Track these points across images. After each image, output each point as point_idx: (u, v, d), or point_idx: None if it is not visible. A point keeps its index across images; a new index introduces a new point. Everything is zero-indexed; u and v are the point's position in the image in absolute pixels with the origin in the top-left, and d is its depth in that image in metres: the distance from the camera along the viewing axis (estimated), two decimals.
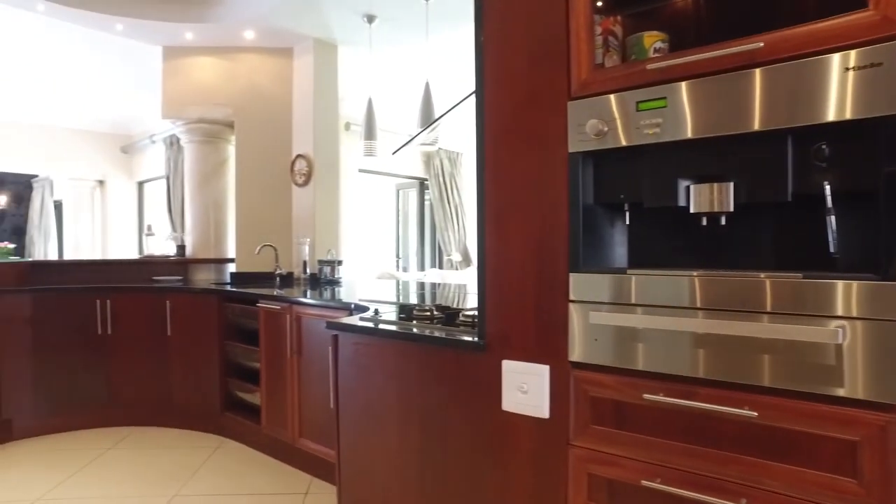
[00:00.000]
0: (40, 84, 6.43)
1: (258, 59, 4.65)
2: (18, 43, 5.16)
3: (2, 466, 3.31)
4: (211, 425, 3.79)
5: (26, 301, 3.73)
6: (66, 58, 5.54)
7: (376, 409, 1.87)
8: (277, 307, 3.20)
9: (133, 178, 8.54)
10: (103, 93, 6.74)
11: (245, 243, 4.54)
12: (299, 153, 4.48)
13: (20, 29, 4.88)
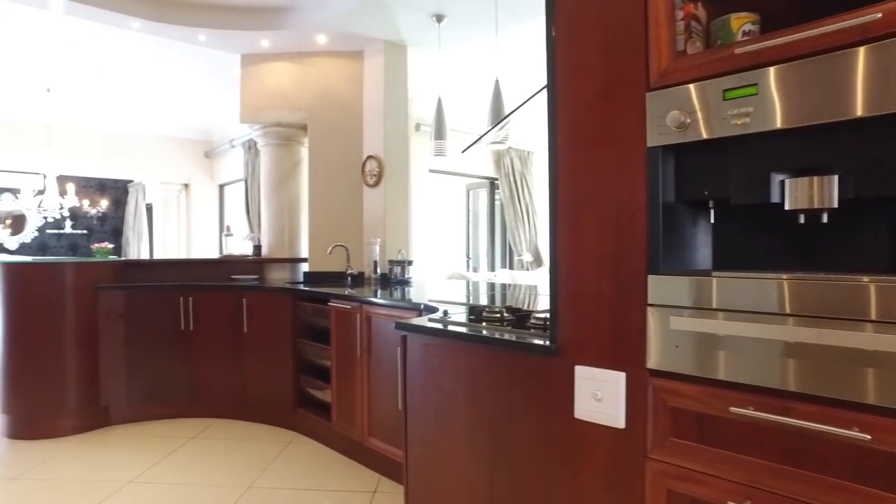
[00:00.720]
0: (135, 96, 6.87)
1: (330, 63, 4.76)
2: (116, 59, 5.53)
3: (102, 448, 3.55)
4: (284, 420, 3.90)
5: (121, 297, 3.98)
6: (156, 70, 5.88)
7: (445, 412, 1.84)
8: (348, 306, 3.25)
9: (215, 181, 8.97)
10: (189, 101, 7.11)
11: (317, 243, 4.65)
12: (370, 154, 4.54)
13: (117, 46, 5.22)
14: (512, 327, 1.81)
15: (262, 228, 5.20)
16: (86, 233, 11.75)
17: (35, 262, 4.12)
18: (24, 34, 4.99)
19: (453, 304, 2.62)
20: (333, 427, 3.44)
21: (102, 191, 11.86)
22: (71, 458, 3.42)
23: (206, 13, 4.48)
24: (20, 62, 5.73)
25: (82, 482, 3.07)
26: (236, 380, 4.04)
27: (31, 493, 3.00)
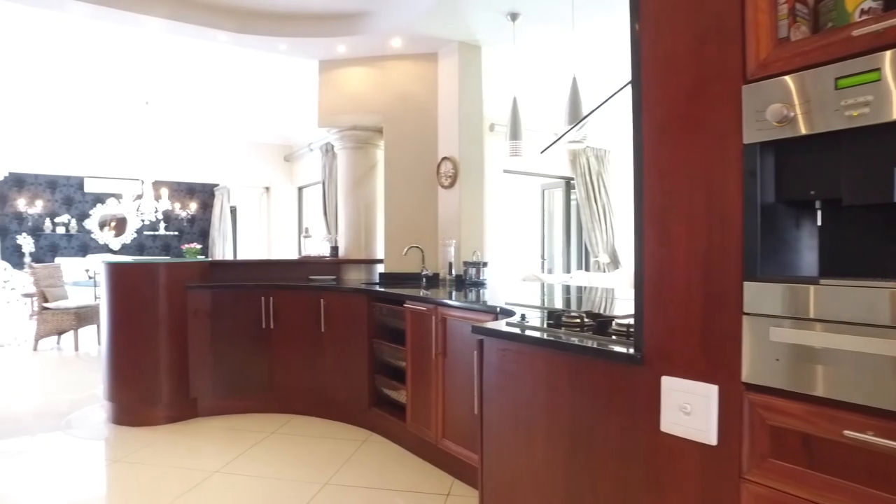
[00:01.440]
0: (221, 104, 7.23)
1: (405, 66, 4.81)
2: (204, 71, 5.84)
3: (191, 438, 3.75)
4: (359, 419, 3.96)
5: (207, 296, 4.18)
6: (240, 79, 6.16)
7: (522, 418, 1.79)
8: (423, 308, 3.26)
9: (294, 184, 9.31)
10: (270, 107, 7.41)
11: (393, 245, 4.71)
12: (445, 156, 4.55)
13: (205, 59, 5.51)
14: (592, 333, 1.74)
15: (339, 230, 5.32)
16: (177, 234, 12.50)
17: (133, 262, 4.41)
18: (125, 54, 5.36)
19: (529, 308, 2.56)
20: (407, 427, 3.46)
21: (192, 194, 12.58)
22: (164, 445, 3.62)
23: (287, 23, 4.64)
24: (123, 79, 6.16)
25: (173, 469, 3.24)
26: (314, 378, 4.15)
27: (130, 476, 3.21)
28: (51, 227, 11.35)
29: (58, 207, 11.52)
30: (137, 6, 4.21)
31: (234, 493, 2.95)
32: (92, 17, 4.27)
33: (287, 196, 9.28)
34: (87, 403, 4.61)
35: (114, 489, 3.15)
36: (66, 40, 5.04)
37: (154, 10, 4.27)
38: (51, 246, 11.40)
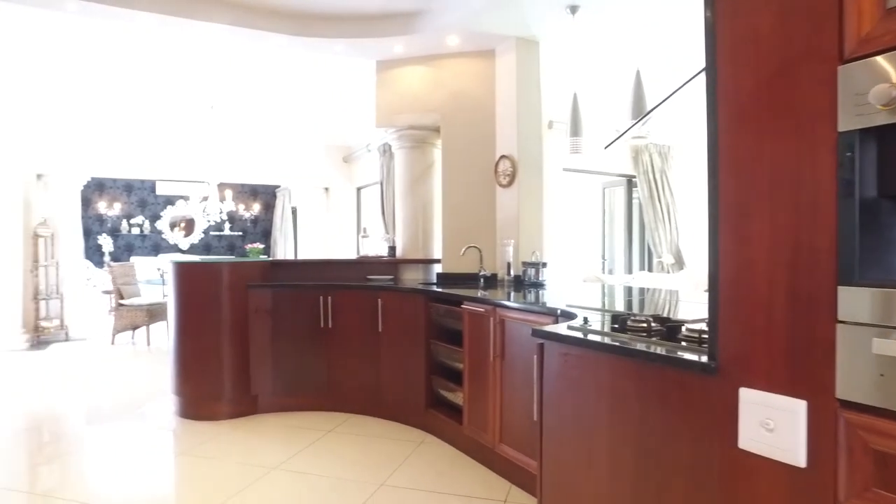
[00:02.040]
0: (282, 107, 7.40)
1: (461, 64, 4.75)
2: (266, 75, 5.98)
3: (251, 434, 3.82)
4: (415, 420, 3.94)
5: (267, 295, 4.26)
6: (300, 81, 6.28)
7: (584, 427, 1.70)
8: (481, 309, 3.19)
9: (353, 185, 9.43)
10: (329, 109, 7.52)
11: (450, 245, 4.66)
12: (503, 154, 4.47)
13: (266, 63, 5.63)
14: (660, 339, 1.63)
15: (397, 230, 5.33)
16: (241, 234, 12.95)
17: (197, 261, 4.55)
18: (191, 60, 5.55)
19: (591, 310, 2.46)
20: (464, 431, 3.41)
21: (255, 196, 12.99)
22: (226, 441, 3.71)
23: (344, 24, 4.68)
24: (189, 85, 6.39)
25: (234, 464, 3.31)
26: (371, 377, 4.15)
27: (194, 469, 3.31)
28: (127, 227, 11.99)
29: (133, 209, 12.16)
30: (202, 13, 4.33)
31: (291, 491, 2.98)
32: (160, 25, 4.43)
33: (346, 196, 9.41)
34: (157, 395, 4.81)
35: (180, 480, 3.25)
36: (137, 51, 5.27)
37: (217, 17, 4.39)
38: (127, 245, 12.04)
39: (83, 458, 3.54)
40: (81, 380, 5.69)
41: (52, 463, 3.48)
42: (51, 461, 3.51)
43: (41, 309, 7.43)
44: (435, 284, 4.40)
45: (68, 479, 3.22)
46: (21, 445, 3.77)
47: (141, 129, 8.02)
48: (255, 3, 4.42)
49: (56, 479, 3.22)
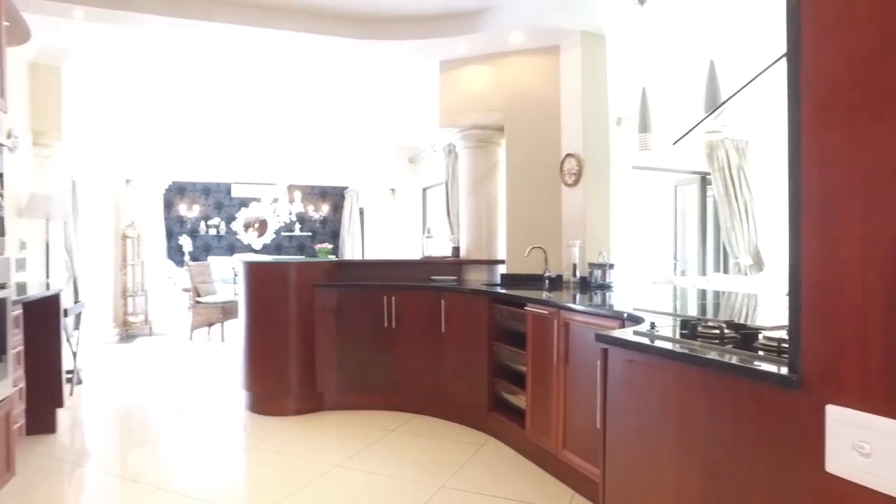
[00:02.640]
0: (349, 110, 7.54)
1: (525, 61, 4.67)
2: (332, 78, 6.11)
3: (316, 431, 3.90)
4: (478, 422, 3.89)
5: (333, 294, 4.33)
6: (365, 84, 6.36)
7: (649, 438, 1.61)
8: (545, 311, 3.11)
9: (418, 185, 9.48)
10: (395, 110, 7.60)
11: (515, 245, 4.59)
12: (569, 152, 4.35)
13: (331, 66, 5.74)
14: (734, 347, 1.51)
15: (461, 230, 5.30)
16: (310, 234, 13.32)
17: (266, 261, 4.69)
18: (263, 68, 5.74)
19: (660, 315, 2.33)
20: (527, 435, 3.34)
21: (324, 197, 13.34)
22: (292, 436, 3.80)
23: (408, 26, 4.70)
24: (260, 90, 6.62)
25: (299, 459, 3.38)
26: (434, 378, 4.15)
27: (261, 463, 3.41)
28: (205, 228, 12.58)
29: (210, 211, 12.75)
30: (272, 22, 4.47)
31: (353, 488, 3.01)
32: (230, 35, 4.60)
33: (411, 197, 9.50)
34: (229, 390, 5.01)
35: (248, 473, 3.36)
36: (212, 61, 5.49)
37: (285, 24, 4.51)
38: (205, 246, 12.64)
39: (164, 447, 3.73)
40: (163, 372, 6.01)
41: (138, 449, 3.68)
42: (137, 447, 3.72)
43: (129, 305, 7.91)
44: (499, 285, 4.35)
45: (151, 466, 3.41)
46: (113, 432, 4.02)
47: (217, 135, 8.39)
48: (320, 9, 4.51)
49: (141, 465, 3.42)
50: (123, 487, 3.04)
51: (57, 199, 5.12)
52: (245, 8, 4.38)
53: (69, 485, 3.16)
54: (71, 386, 4.86)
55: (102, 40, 5.02)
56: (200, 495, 2.90)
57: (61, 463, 3.39)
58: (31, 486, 3.00)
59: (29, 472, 3.14)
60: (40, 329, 3.73)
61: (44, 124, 5.32)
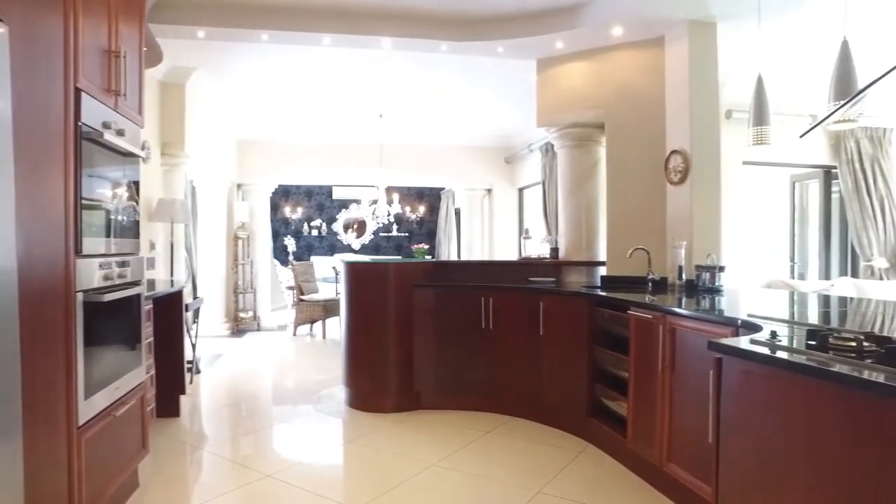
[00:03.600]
0: (444, 111, 7.62)
1: (627, 56, 4.49)
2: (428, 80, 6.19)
3: (413, 429, 3.96)
4: (576, 428, 3.78)
5: (431, 295, 4.38)
6: (460, 84, 6.39)
7: (771, 459, 1.48)
8: (649, 316, 2.96)
9: (514, 186, 9.41)
10: (490, 110, 7.58)
11: (616, 246, 4.43)
12: (674, 149, 4.13)
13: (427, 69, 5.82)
14: (875, 362, 1.35)
15: (560, 231, 5.19)
16: (407, 235, 13.61)
17: (366, 261, 4.83)
18: (360, 72, 5.92)
19: (778, 322, 2.15)
20: (628, 444, 3.20)
21: (420, 198, 13.58)
22: (389, 433, 3.88)
23: (504, 25, 4.66)
24: (359, 95, 6.84)
25: (396, 456, 3.44)
26: (531, 381, 4.08)
27: (359, 457, 3.52)
28: (307, 230, 13.22)
29: (313, 213, 13.38)
30: (372, 28, 4.60)
31: (448, 488, 3.01)
32: (334, 46, 4.78)
33: (507, 197, 9.44)
34: (330, 385, 5.21)
35: (346, 467, 3.47)
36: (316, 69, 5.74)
37: (384, 31, 4.62)
38: (308, 246, 13.28)
39: (269, 435, 3.95)
40: (269, 366, 6.37)
41: (247, 436, 3.92)
42: (246, 434, 3.95)
43: (239, 302, 8.46)
44: (599, 288, 4.21)
45: (260, 452, 3.63)
46: (225, 418, 4.32)
47: (319, 139, 8.78)
48: (417, 13, 4.59)
49: (250, 450, 3.65)
50: (237, 471, 3.24)
51: (180, 203, 5.56)
52: (347, 17, 4.54)
53: (191, 465, 3.42)
54: (190, 375, 5.25)
55: (219, 57, 5.39)
56: (304, 485, 3.03)
57: (184, 445, 3.68)
58: (161, 463, 3.29)
59: (159, 451, 3.44)
60: (166, 322, 4.06)
61: (170, 136, 5.81)
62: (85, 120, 2.30)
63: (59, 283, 2.11)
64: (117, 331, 2.66)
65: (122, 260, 2.69)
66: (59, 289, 2.11)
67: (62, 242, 2.14)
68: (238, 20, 4.43)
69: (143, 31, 3.10)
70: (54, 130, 2.12)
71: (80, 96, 2.27)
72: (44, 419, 1.99)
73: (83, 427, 2.26)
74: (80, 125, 2.27)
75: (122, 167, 2.73)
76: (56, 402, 2.08)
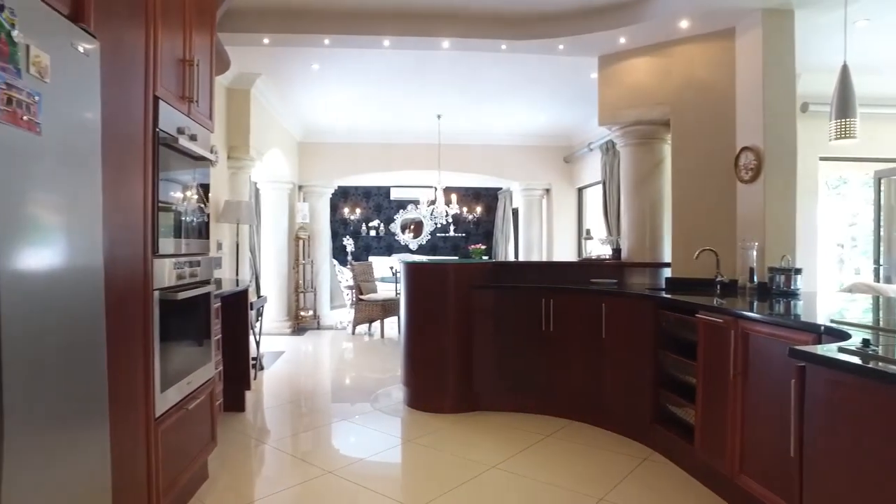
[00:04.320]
0: (502, 111, 7.57)
1: (694, 49, 4.33)
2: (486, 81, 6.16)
3: (472, 431, 3.95)
4: (640, 434, 3.67)
5: (491, 295, 4.36)
6: (518, 84, 6.33)
7: (865, 478, 1.38)
8: (720, 320, 2.84)
9: (573, 185, 9.25)
10: (549, 110, 7.48)
11: (682, 247, 4.28)
12: (745, 145, 3.95)
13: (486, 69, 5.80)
14: None
15: (622, 231, 5.06)
16: (464, 235, 13.62)
17: (426, 262, 4.86)
18: (418, 73, 5.95)
19: (865, 329, 2.01)
20: (695, 453, 3.07)
21: (477, 199, 13.56)
22: (448, 434, 3.88)
23: (564, 22, 4.58)
24: (419, 97, 6.88)
25: (455, 458, 3.43)
26: (592, 384, 3.99)
27: (418, 457, 3.53)
28: (366, 230, 13.43)
29: (371, 213, 13.58)
30: (432, 29, 4.61)
31: (506, 492, 2.98)
32: (394, 48, 4.82)
33: (566, 197, 9.28)
34: (388, 383, 5.27)
35: (405, 466, 3.49)
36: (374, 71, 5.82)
37: (443, 31, 4.63)
38: (366, 246, 13.50)
39: (329, 431, 4.03)
40: (329, 363, 6.51)
41: (308, 432, 4.01)
42: (308, 430, 4.05)
43: (300, 300, 8.67)
44: (663, 290, 4.07)
45: (320, 448, 3.71)
46: (287, 414, 4.43)
47: (378, 140, 8.89)
48: (476, 14, 4.57)
49: (311, 446, 3.73)
50: (300, 467, 3.31)
51: (245, 205, 5.75)
52: (406, 19, 4.58)
53: (256, 458, 3.52)
54: (255, 371, 5.42)
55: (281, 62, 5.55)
56: (364, 482, 3.06)
57: (249, 438, 3.80)
58: (228, 456, 3.42)
59: (226, 444, 3.57)
60: (232, 320, 4.20)
61: (236, 140, 6.01)
62: (162, 126, 2.40)
63: (138, 282, 2.21)
64: (189, 328, 2.76)
65: (194, 260, 2.79)
66: (138, 287, 2.21)
67: (141, 243, 2.25)
68: (301, 26, 4.54)
69: (213, 40, 3.22)
70: (135, 136, 2.23)
71: (157, 104, 2.38)
72: (126, 410, 2.09)
73: (160, 419, 2.36)
74: (158, 131, 2.37)
75: (193, 171, 2.84)
76: (136, 394, 2.18)
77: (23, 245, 1.42)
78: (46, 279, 1.52)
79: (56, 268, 1.56)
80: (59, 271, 1.57)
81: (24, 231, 1.43)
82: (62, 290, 1.59)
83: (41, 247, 1.51)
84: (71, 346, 1.63)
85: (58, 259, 1.58)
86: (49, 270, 1.53)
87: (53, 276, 1.55)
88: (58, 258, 1.58)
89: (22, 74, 1.44)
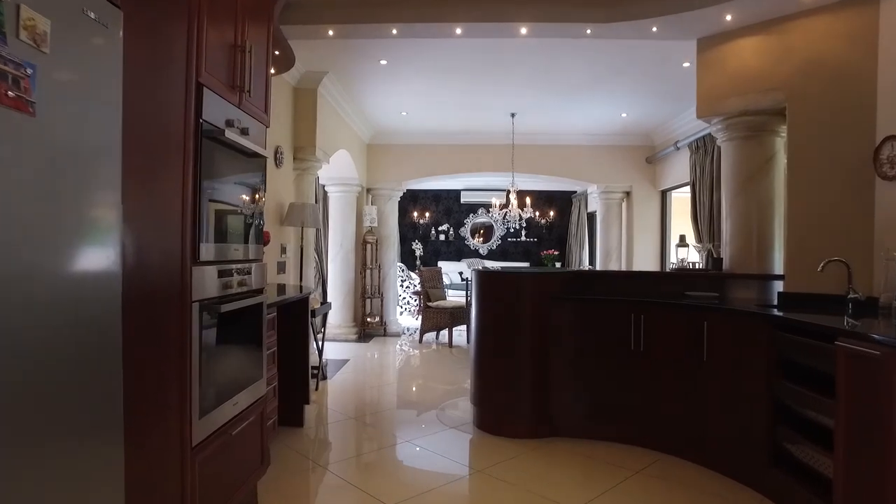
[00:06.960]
0: (580, 110, 7.06)
1: (819, 24, 3.70)
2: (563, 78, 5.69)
3: (548, 461, 3.50)
4: (752, 478, 3.10)
5: (570, 309, 3.89)
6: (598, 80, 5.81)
7: None
8: (875, 352, 2.25)
9: (656, 187, 8.56)
10: (631, 106, 6.90)
11: (799, 257, 3.66)
12: (889, 135, 3.29)
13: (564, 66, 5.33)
14: None
15: (723, 237, 4.43)
16: (535, 240, 13.08)
17: (500, 270, 4.44)
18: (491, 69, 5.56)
19: None
20: None
21: (550, 203, 12.98)
22: (523, 464, 3.44)
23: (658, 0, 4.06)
24: (491, 94, 6.49)
25: (531, 496, 2.99)
26: (690, 414, 3.45)
27: (491, 491, 3.10)
28: (435, 234, 13.15)
29: (440, 217, 13.28)
30: (508, 13, 4.21)
31: None
32: (467, 36, 4.45)
33: (648, 200, 8.60)
34: (456, 395, 4.95)
35: (477, 501, 3.06)
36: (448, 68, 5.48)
37: (521, 15, 4.22)
38: (434, 251, 13.21)
39: (394, 454, 3.69)
40: (394, 373, 6.20)
41: (371, 454, 3.69)
42: (370, 452, 3.73)
43: (367, 306, 8.46)
44: (776, 307, 3.48)
45: (384, 475, 3.33)
46: (349, 431, 4.15)
47: (448, 141, 8.56)
48: None
49: (374, 472, 3.37)
50: (356, 497, 2.97)
51: (311, 208, 5.53)
52: (480, 2, 4.20)
53: (313, 485, 3.22)
54: (317, 381, 5.18)
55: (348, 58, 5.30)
56: None
57: (306, 460, 3.51)
58: (281, 478, 3.14)
59: (280, 465, 3.30)
60: (291, 330, 3.94)
61: (302, 141, 5.82)
62: (206, 117, 2.13)
63: (173, 293, 1.93)
64: (237, 342, 2.48)
65: (244, 267, 2.51)
66: (173, 298, 1.93)
67: (178, 248, 1.97)
68: (367, 14, 4.25)
69: (271, 27, 2.95)
70: (173, 127, 1.96)
71: (202, 92, 2.11)
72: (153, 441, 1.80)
73: (197, 447, 2.07)
74: (202, 122, 2.10)
75: (245, 168, 2.56)
76: (167, 421, 1.90)
77: (12, 246, 1.14)
78: (48, 287, 1.24)
79: (57, 275, 1.28)
80: (59, 280, 1.29)
81: (9, 230, 1.15)
82: (63, 300, 1.30)
83: (40, 249, 1.23)
84: (65, 365, 1.34)
85: (59, 264, 1.29)
86: (52, 279, 1.27)
87: (56, 286, 1.26)
88: (58, 262, 1.30)
89: (7, 39, 1.16)
